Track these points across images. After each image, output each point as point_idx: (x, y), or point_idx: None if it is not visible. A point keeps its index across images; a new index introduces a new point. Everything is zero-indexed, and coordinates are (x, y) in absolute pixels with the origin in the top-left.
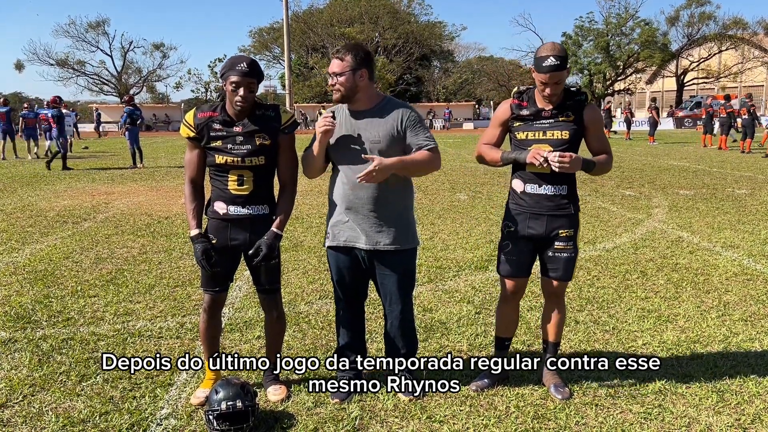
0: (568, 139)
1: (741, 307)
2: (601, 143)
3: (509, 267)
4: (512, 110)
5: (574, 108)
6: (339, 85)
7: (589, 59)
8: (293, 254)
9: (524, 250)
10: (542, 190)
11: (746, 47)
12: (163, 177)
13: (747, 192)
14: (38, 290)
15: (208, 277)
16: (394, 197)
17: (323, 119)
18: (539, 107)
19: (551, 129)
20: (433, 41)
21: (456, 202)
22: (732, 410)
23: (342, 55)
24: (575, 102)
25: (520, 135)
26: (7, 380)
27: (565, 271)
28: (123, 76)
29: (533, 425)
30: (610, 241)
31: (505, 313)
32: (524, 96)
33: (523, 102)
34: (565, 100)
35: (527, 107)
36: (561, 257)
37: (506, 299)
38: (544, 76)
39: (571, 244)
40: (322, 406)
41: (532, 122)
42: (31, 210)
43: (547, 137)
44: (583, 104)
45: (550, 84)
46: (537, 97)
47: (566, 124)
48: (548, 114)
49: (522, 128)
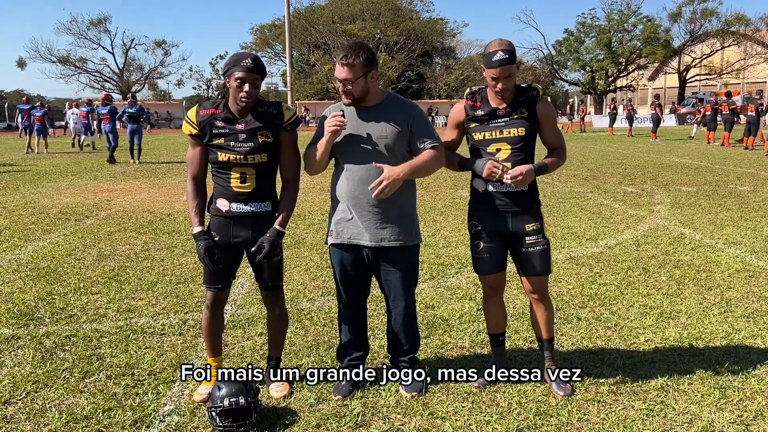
0: (525, 136)
1: (743, 304)
2: (556, 137)
3: (484, 265)
4: (467, 111)
5: (527, 104)
6: (352, 92)
7: (591, 56)
8: (295, 251)
9: (495, 245)
10: (504, 187)
11: (749, 43)
12: (165, 174)
13: (749, 189)
14: (41, 287)
15: (210, 274)
16: (398, 195)
17: (333, 118)
18: (493, 106)
19: (507, 127)
20: (434, 38)
21: (458, 198)
22: (734, 407)
23: (351, 60)
24: (527, 98)
25: (477, 136)
26: (11, 377)
27: (542, 264)
28: (125, 74)
29: (535, 421)
30: (612, 237)
31: (491, 310)
32: (477, 96)
33: (477, 102)
34: (518, 96)
35: (481, 107)
36: (534, 251)
37: (489, 296)
38: (495, 70)
39: (541, 236)
40: (324, 402)
41: (487, 122)
42: (33, 207)
43: (503, 135)
44: (536, 99)
45: (501, 78)
46: (490, 96)
47: (521, 121)
48: (503, 113)
49: (478, 129)
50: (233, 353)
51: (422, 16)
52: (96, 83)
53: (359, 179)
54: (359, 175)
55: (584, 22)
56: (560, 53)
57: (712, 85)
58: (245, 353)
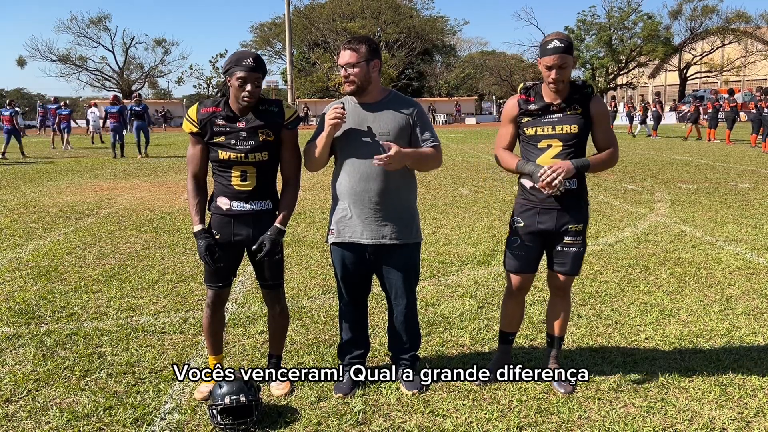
0: (578, 133)
1: (744, 301)
2: (607, 136)
3: (516, 262)
4: (520, 106)
5: (581, 101)
6: (353, 77)
7: (592, 53)
8: (296, 249)
9: (532, 245)
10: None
11: (749, 41)
12: (165, 172)
13: (750, 186)
14: (42, 286)
15: (211, 273)
16: (399, 191)
17: (333, 110)
18: (547, 102)
19: (560, 123)
20: (435, 36)
21: (458, 197)
22: (735, 404)
23: (355, 46)
24: (582, 95)
25: (529, 131)
26: (12, 375)
27: (573, 265)
28: (125, 72)
29: (536, 419)
30: (613, 235)
31: (510, 308)
32: (531, 91)
33: (531, 97)
34: (572, 93)
35: (535, 102)
36: (569, 252)
37: (512, 294)
38: (550, 58)
39: (580, 239)
40: (325, 400)
41: (540, 117)
42: (34, 206)
43: (556, 132)
44: (590, 97)
45: (555, 67)
46: (544, 92)
47: (574, 118)
48: (556, 108)
49: (530, 124)
50: (234, 351)
51: (422, 13)
52: (96, 82)
53: (360, 176)
54: (360, 171)
55: (584, 20)
56: None
57: (713, 82)
58: (246, 351)
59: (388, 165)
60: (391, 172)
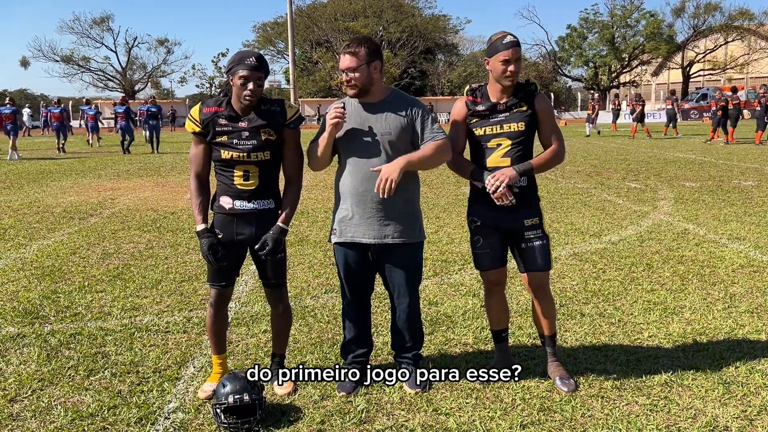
0: (525, 130)
1: (747, 299)
2: (552, 133)
3: (485, 260)
4: (468, 107)
5: (526, 98)
6: (354, 81)
7: (594, 51)
8: (299, 249)
9: (494, 241)
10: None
11: (752, 38)
12: (168, 172)
13: (753, 184)
14: (46, 286)
15: (214, 272)
16: (402, 191)
17: (334, 110)
18: (493, 101)
19: (507, 122)
20: (437, 34)
21: (461, 195)
22: (738, 402)
23: (354, 49)
24: (526, 93)
25: (478, 131)
26: (16, 375)
27: (543, 259)
28: (128, 72)
29: (539, 417)
30: (616, 233)
31: (493, 306)
32: (477, 92)
33: (477, 98)
34: (517, 92)
35: (482, 103)
36: (534, 246)
37: (490, 292)
38: (507, 51)
39: (540, 231)
40: (328, 399)
41: (488, 117)
42: (37, 206)
43: (504, 131)
44: (534, 94)
45: (512, 60)
46: (490, 92)
47: (521, 115)
48: (503, 107)
49: (479, 124)
50: (237, 350)
51: (424, 12)
52: (99, 82)
53: (363, 175)
54: (363, 171)
55: (587, 18)
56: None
57: (716, 80)
58: (249, 350)
59: (389, 190)
60: None
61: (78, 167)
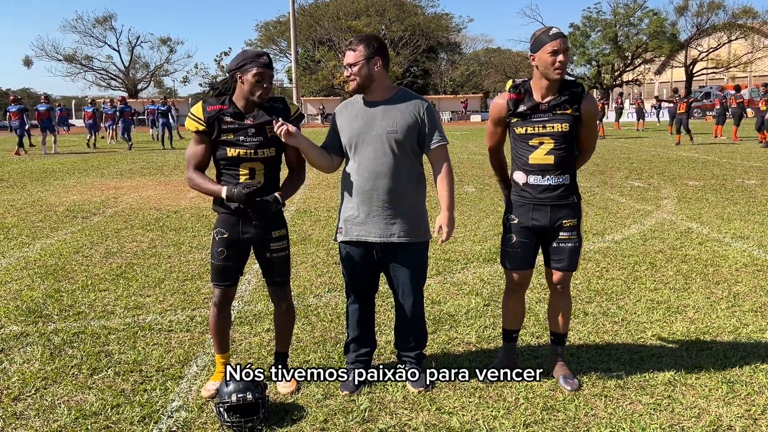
0: (569, 132)
1: (751, 298)
2: (589, 139)
3: (514, 259)
4: (508, 106)
5: (572, 100)
6: (354, 75)
7: (597, 50)
8: (302, 247)
9: (528, 242)
10: (545, 180)
11: (756, 37)
12: (171, 171)
13: (757, 182)
14: (49, 284)
15: (218, 271)
16: (409, 190)
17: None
18: (536, 101)
19: (550, 122)
20: (440, 33)
21: (464, 194)
22: (742, 401)
23: (354, 46)
24: (572, 94)
25: (519, 130)
26: (20, 374)
27: (570, 261)
28: (130, 71)
29: (542, 416)
30: (619, 232)
31: (511, 306)
32: (521, 88)
33: (521, 94)
34: (562, 90)
35: (524, 101)
36: (566, 247)
37: (512, 291)
38: (555, 42)
39: (575, 234)
40: (331, 398)
41: (530, 117)
42: (41, 205)
43: (546, 131)
44: (581, 96)
45: (561, 50)
46: (534, 89)
47: (565, 117)
48: (546, 107)
49: (520, 123)
50: (240, 349)
51: (427, 11)
52: (102, 81)
53: (369, 174)
54: (369, 169)
55: (590, 17)
56: None
57: (719, 78)
58: (252, 349)
59: (449, 235)
60: (400, 171)
61: (81, 166)
